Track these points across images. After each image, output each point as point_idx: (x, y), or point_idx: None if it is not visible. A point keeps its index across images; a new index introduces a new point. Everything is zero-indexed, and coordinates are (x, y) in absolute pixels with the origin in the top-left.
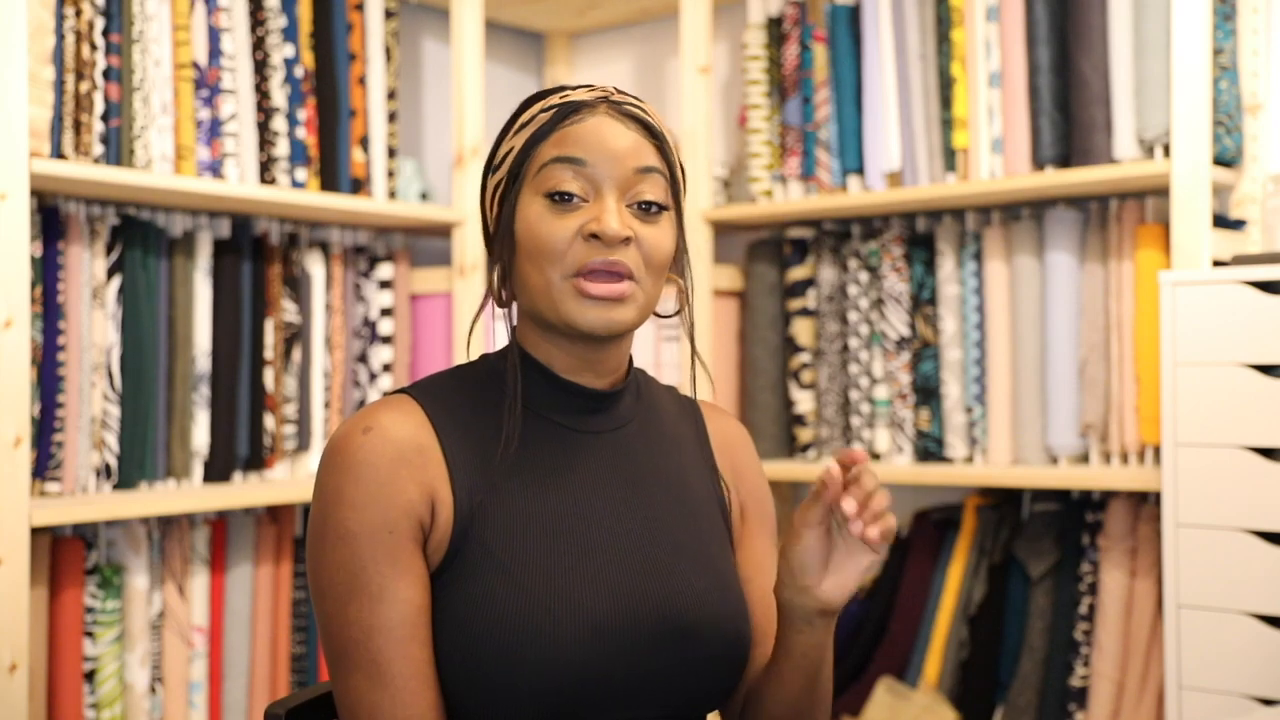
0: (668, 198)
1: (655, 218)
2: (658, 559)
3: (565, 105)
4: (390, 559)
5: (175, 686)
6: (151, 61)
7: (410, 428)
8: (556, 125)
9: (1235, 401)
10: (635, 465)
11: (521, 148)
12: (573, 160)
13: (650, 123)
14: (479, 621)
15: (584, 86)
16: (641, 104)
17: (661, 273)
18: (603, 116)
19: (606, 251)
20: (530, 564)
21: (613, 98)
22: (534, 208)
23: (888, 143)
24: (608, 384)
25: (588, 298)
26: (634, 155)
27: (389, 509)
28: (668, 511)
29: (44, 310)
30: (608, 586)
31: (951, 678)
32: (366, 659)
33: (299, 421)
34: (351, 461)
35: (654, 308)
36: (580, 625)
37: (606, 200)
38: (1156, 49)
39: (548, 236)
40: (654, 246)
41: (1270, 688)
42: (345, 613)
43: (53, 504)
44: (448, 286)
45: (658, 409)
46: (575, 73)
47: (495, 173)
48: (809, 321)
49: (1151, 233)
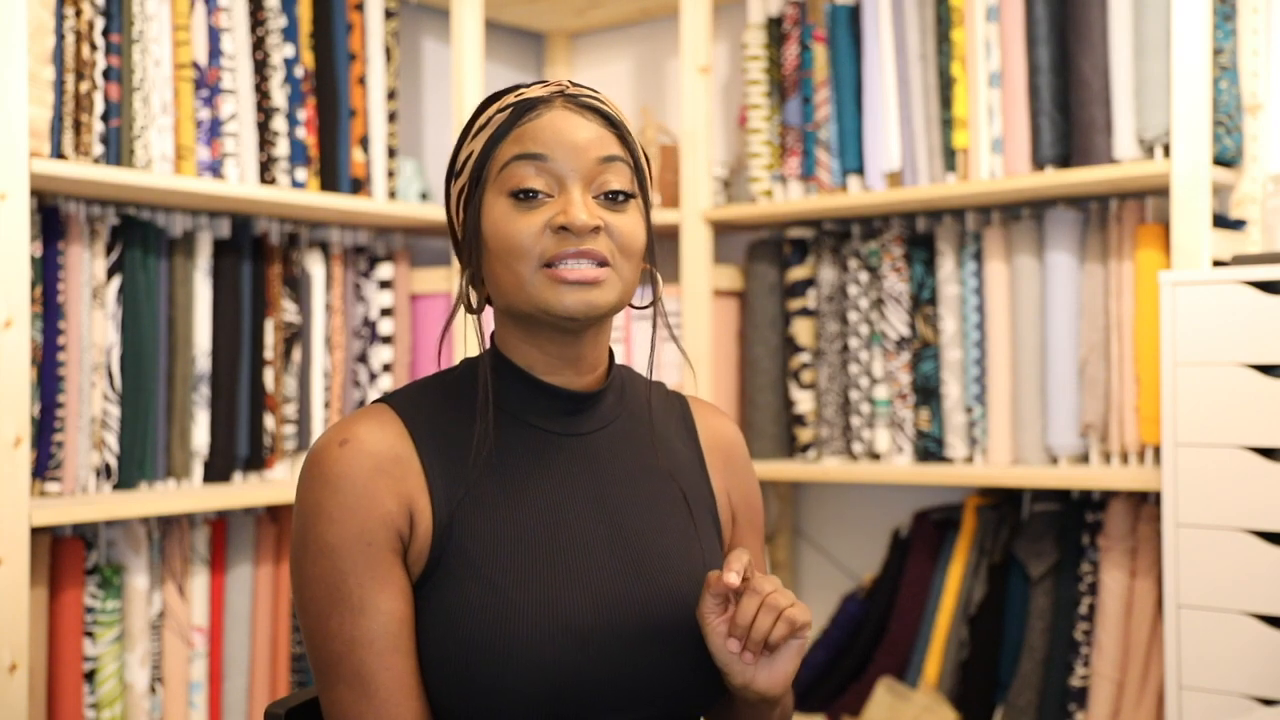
0: (633, 186)
1: (623, 206)
2: (640, 561)
3: (521, 103)
4: (370, 571)
5: (175, 686)
6: (151, 61)
7: (388, 439)
8: (514, 124)
9: (1235, 401)
10: (618, 467)
11: (481, 150)
12: (534, 156)
13: (608, 112)
14: (461, 629)
15: (538, 83)
16: (598, 95)
17: (636, 260)
18: (560, 110)
19: (577, 242)
20: (510, 571)
21: (568, 91)
22: (499, 208)
23: (888, 143)
24: (588, 383)
25: (564, 283)
26: (595, 145)
27: (367, 521)
28: (651, 513)
29: (44, 310)
30: (589, 590)
31: (951, 678)
32: (350, 671)
33: (299, 421)
34: (329, 475)
35: (631, 295)
36: (561, 630)
37: (572, 193)
38: (1156, 49)
39: (515, 234)
40: (625, 234)
41: (1270, 688)
42: (327, 626)
43: (53, 504)
44: (448, 286)
45: (642, 407)
46: (575, 73)
47: (458, 179)
48: (809, 321)
49: (1151, 233)
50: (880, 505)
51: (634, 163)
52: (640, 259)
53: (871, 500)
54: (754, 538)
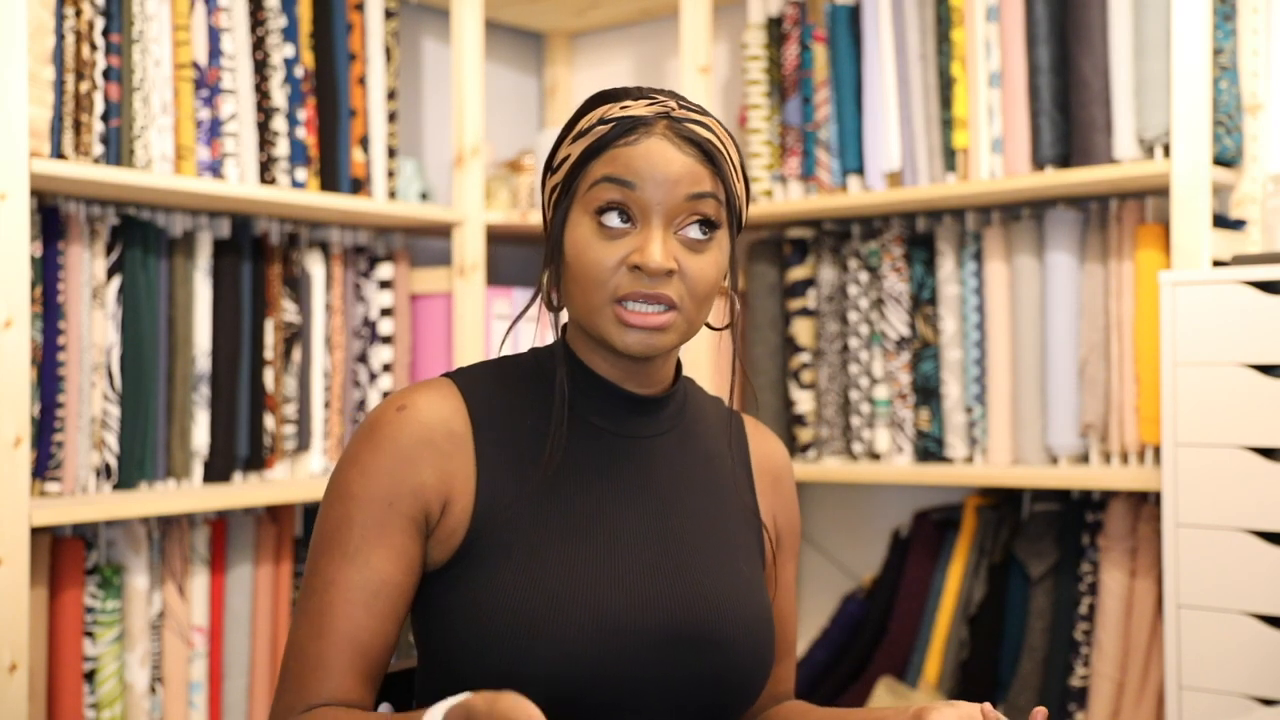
0: (720, 217)
1: (704, 245)
2: (682, 567)
3: (623, 121)
4: (379, 529)
5: (175, 686)
6: (151, 61)
7: (445, 412)
8: (612, 142)
9: (1235, 401)
10: (669, 473)
11: (577, 159)
12: (623, 182)
13: (707, 143)
14: (490, 612)
15: (645, 98)
16: (704, 120)
17: (707, 300)
18: (658, 138)
19: (649, 285)
20: (547, 560)
21: (674, 113)
22: (582, 228)
23: (888, 143)
24: (652, 392)
25: (628, 326)
26: (686, 182)
27: (397, 484)
28: (696, 521)
29: (44, 310)
30: (623, 587)
31: (951, 678)
32: (314, 609)
33: (299, 421)
34: (377, 434)
35: (697, 330)
36: (591, 622)
37: (653, 229)
38: (1156, 49)
39: (593, 264)
40: (698, 278)
41: (1270, 688)
42: (318, 563)
43: (53, 504)
44: (448, 286)
45: (700, 420)
46: (575, 73)
47: (553, 174)
48: (809, 321)
49: (1151, 233)
50: (880, 505)
51: (726, 198)
52: (711, 297)
53: (871, 500)
54: (792, 562)
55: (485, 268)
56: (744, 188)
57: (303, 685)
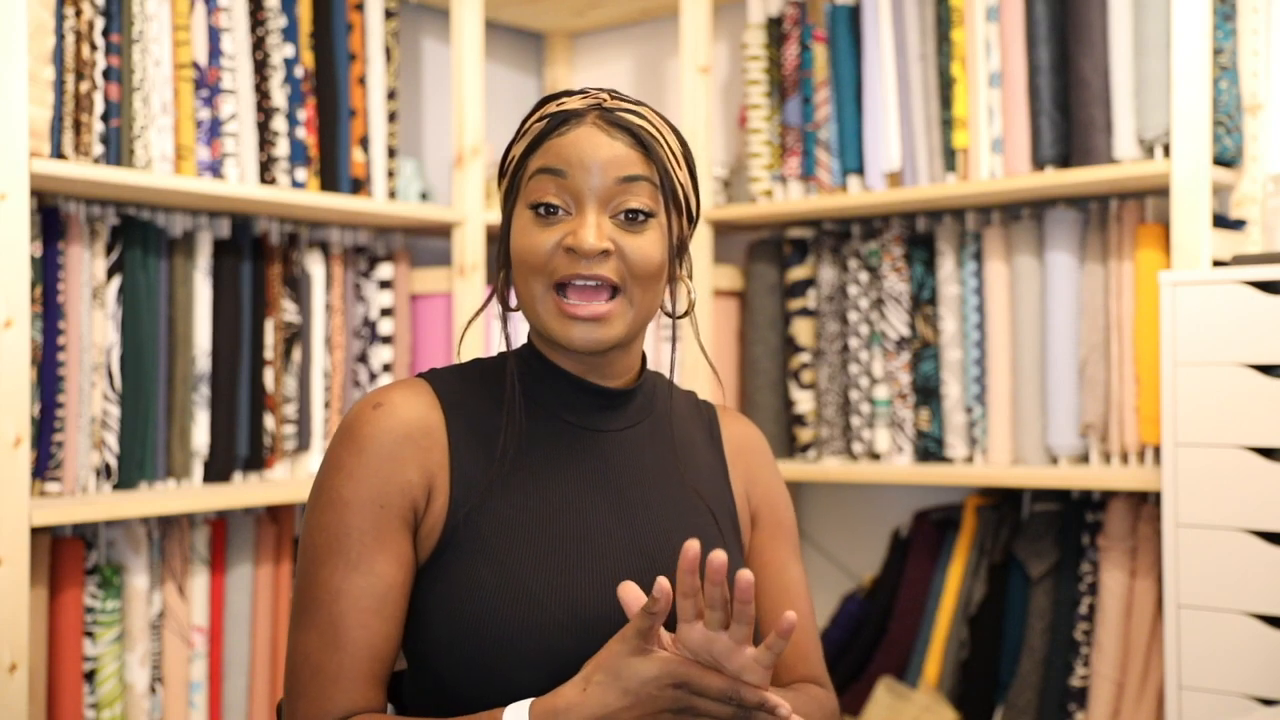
0: (656, 205)
1: (641, 227)
2: (655, 556)
3: (556, 116)
4: (375, 532)
5: (175, 686)
6: (151, 61)
7: (421, 409)
8: (546, 136)
9: (1235, 401)
10: (641, 465)
11: (519, 157)
12: (554, 172)
13: (639, 129)
14: (470, 609)
15: (581, 93)
16: (637, 109)
17: (651, 281)
18: (589, 127)
19: (585, 266)
20: (524, 555)
21: (605, 104)
22: (522, 219)
23: (888, 143)
24: (618, 384)
25: (570, 317)
26: (616, 165)
27: (385, 484)
28: (670, 511)
29: (44, 310)
30: (600, 580)
31: (951, 678)
32: (326, 620)
33: (299, 421)
34: (357, 434)
35: (648, 317)
36: (570, 617)
37: (586, 214)
38: (1156, 49)
39: (529, 249)
40: (638, 258)
41: (1270, 688)
42: (319, 574)
43: (53, 504)
44: (448, 286)
45: (670, 411)
46: (575, 73)
47: (503, 179)
48: (809, 321)
49: (1151, 233)
50: (880, 505)
51: (661, 181)
52: (657, 279)
53: (871, 500)
54: (781, 543)
55: (485, 268)
56: (689, 175)
57: (323, 697)
